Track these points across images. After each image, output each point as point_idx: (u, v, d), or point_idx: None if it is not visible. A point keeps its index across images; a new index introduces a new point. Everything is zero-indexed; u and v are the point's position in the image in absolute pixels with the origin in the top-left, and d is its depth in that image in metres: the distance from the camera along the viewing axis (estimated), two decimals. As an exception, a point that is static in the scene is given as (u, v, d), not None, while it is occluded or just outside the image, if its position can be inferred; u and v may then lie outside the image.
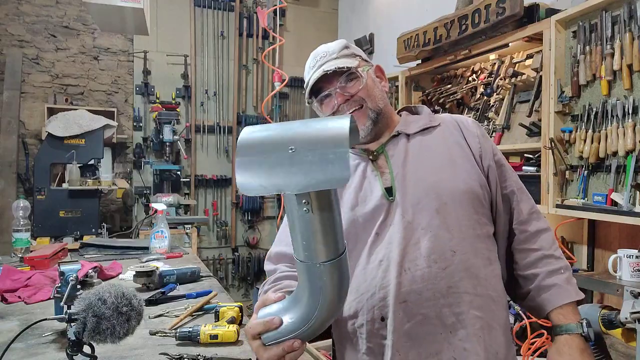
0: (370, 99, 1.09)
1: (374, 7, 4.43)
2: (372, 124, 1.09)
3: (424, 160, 1.06)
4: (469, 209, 1.02)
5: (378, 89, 1.12)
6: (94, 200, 3.59)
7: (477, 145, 1.09)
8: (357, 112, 1.08)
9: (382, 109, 1.11)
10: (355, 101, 1.08)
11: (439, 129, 1.12)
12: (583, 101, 2.02)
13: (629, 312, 1.65)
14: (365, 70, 1.10)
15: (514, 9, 2.19)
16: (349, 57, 1.10)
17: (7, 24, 4.12)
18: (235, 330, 1.14)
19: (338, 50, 1.11)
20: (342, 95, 1.08)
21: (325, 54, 1.11)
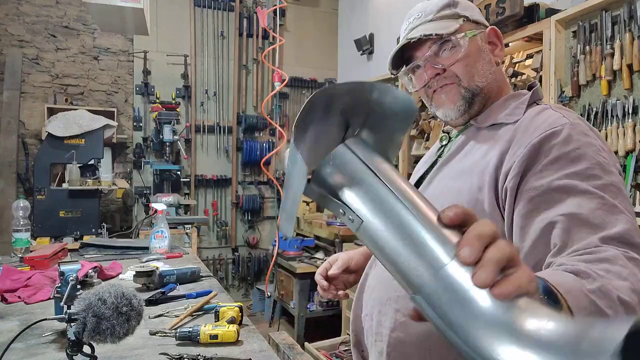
0: (466, 76, 0.88)
1: (374, 7, 4.43)
2: (465, 104, 0.90)
3: (458, 162, 0.90)
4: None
5: (483, 61, 0.90)
6: (94, 200, 3.59)
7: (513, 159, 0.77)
8: (447, 87, 0.90)
9: (483, 88, 0.90)
10: (446, 77, 0.89)
11: (507, 128, 0.84)
12: (583, 101, 2.02)
13: (629, 312, 1.65)
14: (468, 36, 0.88)
15: (514, 9, 2.19)
16: (447, 20, 0.88)
17: (7, 24, 4.12)
18: (235, 330, 1.14)
19: (437, 10, 0.90)
20: (433, 68, 0.90)
21: (420, 14, 0.91)
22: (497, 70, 0.93)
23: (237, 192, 4.84)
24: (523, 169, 0.75)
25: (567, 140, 0.74)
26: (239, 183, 4.86)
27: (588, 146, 0.73)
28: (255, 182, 4.91)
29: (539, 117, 0.81)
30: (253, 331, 1.24)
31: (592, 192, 0.68)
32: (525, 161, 0.75)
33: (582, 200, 0.67)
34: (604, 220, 0.65)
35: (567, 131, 0.75)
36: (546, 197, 0.70)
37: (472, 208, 0.59)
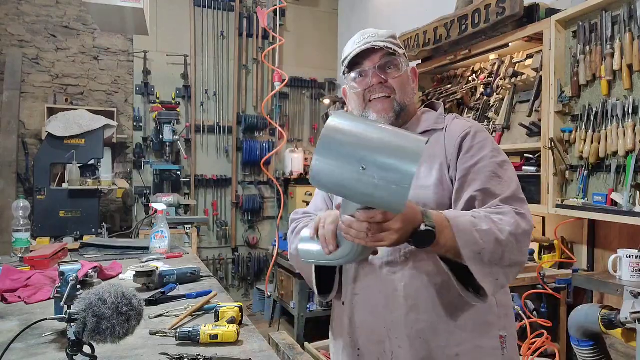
0: (400, 92, 1.11)
1: (374, 7, 4.43)
2: (395, 117, 1.12)
3: None
4: None
5: (410, 86, 1.15)
6: (94, 200, 3.59)
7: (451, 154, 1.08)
8: (384, 100, 1.11)
9: (408, 106, 1.14)
10: (387, 87, 1.11)
11: (439, 134, 1.13)
12: (583, 101, 2.02)
13: (629, 312, 1.65)
14: (405, 63, 1.14)
15: (514, 9, 2.19)
16: (395, 46, 1.12)
17: (7, 24, 4.12)
18: (235, 330, 1.14)
19: (387, 36, 1.12)
20: (378, 77, 1.10)
21: (374, 34, 1.12)
22: (414, 97, 1.20)
23: (237, 192, 4.84)
24: (455, 159, 1.08)
25: (475, 135, 1.09)
26: (239, 183, 4.86)
27: (487, 139, 1.10)
28: (255, 182, 4.91)
29: (454, 123, 1.14)
30: (253, 331, 1.24)
31: (494, 173, 1.04)
32: (455, 153, 1.08)
33: (488, 178, 1.03)
34: (502, 189, 1.02)
35: (474, 130, 1.10)
36: (467, 177, 1.04)
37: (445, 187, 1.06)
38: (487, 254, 0.91)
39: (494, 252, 0.91)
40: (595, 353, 1.92)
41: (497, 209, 0.97)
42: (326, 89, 5.10)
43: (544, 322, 2.04)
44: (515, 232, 0.93)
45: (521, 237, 0.95)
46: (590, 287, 1.98)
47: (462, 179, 1.05)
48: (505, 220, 0.94)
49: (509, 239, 0.92)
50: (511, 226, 0.93)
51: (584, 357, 1.94)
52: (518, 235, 0.94)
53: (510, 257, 0.94)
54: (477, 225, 0.92)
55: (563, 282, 2.23)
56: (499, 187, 1.02)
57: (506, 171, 1.05)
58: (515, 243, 0.93)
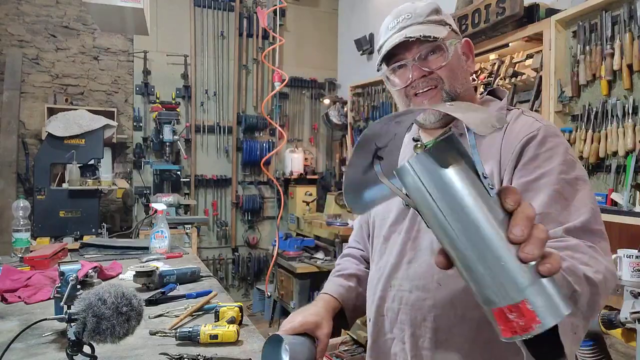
0: (449, 80, 0.93)
1: (374, 7, 4.43)
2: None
3: None
4: None
5: (462, 69, 0.96)
6: (94, 200, 3.58)
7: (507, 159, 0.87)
8: (430, 92, 0.93)
9: (460, 93, 0.95)
10: (432, 79, 0.93)
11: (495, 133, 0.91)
12: (583, 101, 2.02)
13: (629, 312, 1.65)
14: (452, 44, 0.93)
15: (514, 9, 2.19)
16: (437, 25, 0.92)
17: (7, 24, 4.12)
18: (235, 330, 1.14)
19: (427, 14, 0.93)
20: (420, 70, 0.92)
21: (410, 15, 0.93)
22: (470, 79, 0.99)
23: (237, 192, 4.84)
24: (512, 168, 0.85)
25: (542, 141, 0.85)
26: (239, 183, 4.86)
27: (559, 146, 0.85)
28: (255, 182, 4.91)
29: (519, 120, 0.90)
30: (253, 331, 1.24)
31: (561, 193, 0.79)
32: (514, 160, 0.85)
33: (551, 200, 0.78)
34: (568, 216, 0.77)
35: (542, 134, 0.86)
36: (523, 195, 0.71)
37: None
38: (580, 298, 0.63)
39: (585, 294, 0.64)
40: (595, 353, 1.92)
41: (561, 241, 0.72)
42: (326, 89, 5.10)
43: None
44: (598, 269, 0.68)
45: (607, 275, 0.69)
46: (590, 287, 1.98)
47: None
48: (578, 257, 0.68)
49: (597, 277, 0.66)
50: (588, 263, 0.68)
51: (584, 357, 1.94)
52: (604, 274, 0.68)
53: (599, 301, 0.67)
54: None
55: (563, 282, 2.22)
56: (564, 213, 0.77)
57: (577, 192, 0.80)
58: (603, 281, 0.67)
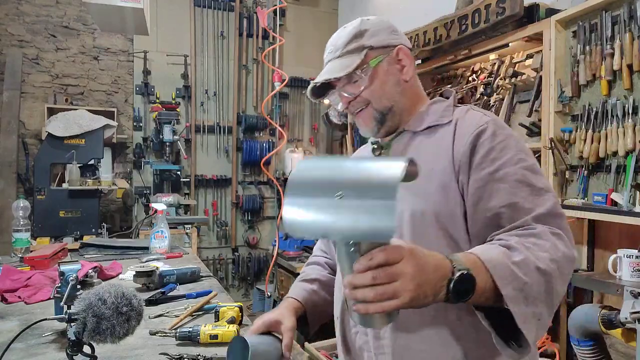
0: (375, 99, 0.99)
1: (374, 7, 4.43)
2: (377, 125, 1.01)
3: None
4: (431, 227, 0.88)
5: (390, 83, 1.00)
6: (94, 200, 3.58)
7: (460, 156, 0.90)
8: (363, 111, 1.01)
9: (392, 107, 1.00)
10: (358, 102, 1.00)
11: (445, 129, 0.96)
12: (583, 101, 2.02)
13: (629, 312, 1.65)
14: (372, 65, 0.97)
15: (514, 9, 2.19)
16: (351, 55, 0.98)
17: (7, 24, 4.12)
18: (235, 330, 1.14)
19: (344, 44, 0.99)
20: (345, 97, 1.01)
21: (332, 48, 1.02)
22: (406, 86, 1.02)
23: (237, 192, 4.84)
24: (467, 162, 0.89)
25: (494, 134, 0.89)
26: (239, 183, 4.86)
27: (510, 137, 0.90)
28: (255, 182, 4.91)
29: (467, 116, 0.96)
30: (253, 331, 1.23)
31: (523, 181, 0.84)
32: (468, 154, 0.89)
33: (515, 189, 0.84)
34: (535, 203, 0.83)
35: (492, 127, 0.90)
36: (486, 188, 0.85)
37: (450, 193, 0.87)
38: (531, 288, 0.72)
39: (538, 284, 0.73)
40: (595, 353, 1.92)
41: (528, 229, 0.79)
42: (326, 89, 5.10)
43: (544, 322, 2.04)
44: (554, 257, 0.75)
45: (563, 262, 0.76)
46: (590, 287, 1.98)
47: (480, 190, 0.86)
48: (540, 244, 0.76)
49: (550, 267, 0.74)
50: (548, 250, 0.75)
51: (584, 357, 1.94)
52: (559, 261, 0.75)
53: (555, 287, 0.74)
54: (511, 257, 0.73)
55: (563, 282, 2.22)
56: (530, 200, 0.82)
57: (538, 178, 0.86)
58: (558, 270, 0.75)
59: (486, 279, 0.70)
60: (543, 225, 0.79)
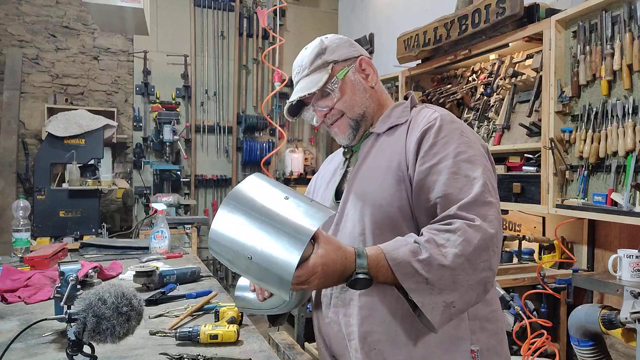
0: (347, 109, 1.08)
1: (374, 7, 4.43)
2: (353, 132, 1.10)
3: (369, 166, 1.05)
4: (387, 220, 0.97)
5: (358, 91, 1.09)
6: (94, 200, 3.59)
7: (410, 150, 0.98)
8: (339, 121, 1.09)
9: (364, 113, 1.09)
10: (333, 114, 1.09)
11: (402, 128, 1.05)
12: (583, 101, 2.02)
13: (629, 312, 1.65)
14: (339, 77, 1.06)
15: (514, 9, 2.19)
16: (319, 70, 1.07)
17: (7, 24, 4.12)
18: (235, 330, 1.14)
19: (310, 62, 1.09)
20: (319, 111, 1.10)
21: (300, 68, 1.12)
22: (373, 92, 1.11)
23: (237, 192, 4.83)
24: (414, 156, 0.97)
25: (439, 129, 0.97)
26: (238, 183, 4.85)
27: (454, 131, 0.97)
28: (255, 182, 4.90)
29: (420, 114, 1.05)
30: (253, 331, 1.24)
31: (457, 173, 0.92)
32: (415, 149, 0.97)
33: (449, 180, 0.91)
34: (464, 193, 0.90)
35: (439, 122, 0.98)
36: (425, 180, 0.94)
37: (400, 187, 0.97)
38: (434, 282, 0.83)
39: (440, 279, 0.83)
40: (595, 353, 1.92)
41: (447, 225, 0.87)
42: (326, 89, 5.10)
43: (544, 322, 2.04)
44: (463, 252, 0.83)
45: (474, 254, 0.84)
46: (590, 287, 1.98)
47: (420, 182, 0.94)
48: (452, 240, 0.84)
49: (456, 261, 0.83)
50: (458, 246, 0.83)
51: (584, 357, 1.94)
52: (469, 254, 0.83)
53: (465, 278, 0.84)
54: (417, 254, 0.84)
55: (563, 282, 2.22)
56: (461, 190, 0.90)
57: (472, 168, 0.93)
58: (467, 262, 0.83)
59: (388, 274, 0.84)
60: (467, 213, 0.87)
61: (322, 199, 1.15)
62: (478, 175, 0.91)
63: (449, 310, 0.84)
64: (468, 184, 0.90)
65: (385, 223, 0.97)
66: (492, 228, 0.87)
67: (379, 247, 0.87)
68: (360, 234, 0.99)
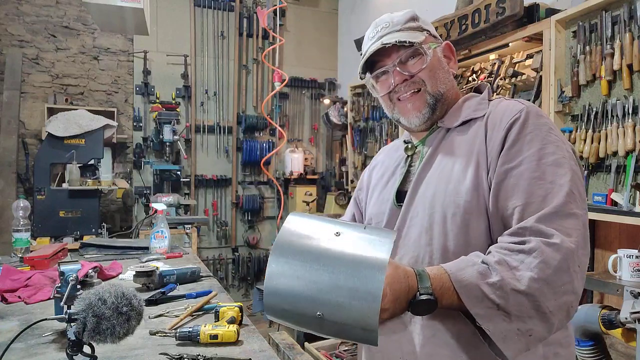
0: (431, 82, 0.96)
1: (374, 7, 4.43)
2: (429, 111, 0.97)
3: (439, 165, 0.94)
4: (462, 229, 0.86)
5: (443, 70, 0.98)
6: (94, 200, 3.58)
7: (493, 149, 0.88)
8: (414, 95, 0.97)
9: (444, 94, 0.98)
10: (414, 82, 0.96)
11: (479, 123, 0.93)
12: (583, 101, 2.02)
13: (629, 312, 1.65)
14: (432, 47, 0.97)
15: (514, 9, 2.19)
16: (414, 31, 0.96)
17: (7, 24, 4.12)
18: (235, 330, 1.14)
19: (403, 22, 0.97)
20: (401, 74, 0.96)
21: (388, 24, 0.98)
22: (453, 80, 1.02)
23: (237, 192, 4.84)
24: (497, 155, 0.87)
25: (524, 124, 0.86)
26: (239, 183, 4.86)
27: (541, 127, 0.86)
28: (255, 182, 4.91)
29: (500, 106, 0.93)
30: (253, 331, 1.24)
31: (540, 178, 0.82)
32: (498, 149, 0.87)
33: (530, 186, 0.81)
34: (547, 202, 0.79)
35: (524, 116, 0.87)
36: (503, 184, 0.84)
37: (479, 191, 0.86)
38: (506, 308, 0.74)
39: (514, 305, 0.74)
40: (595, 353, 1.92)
41: (520, 245, 0.78)
42: (326, 89, 5.10)
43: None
44: (540, 276, 0.74)
45: (553, 276, 0.75)
46: (590, 287, 1.98)
47: (497, 186, 0.84)
48: (527, 263, 0.75)
49: (532, 286, 0.74)
50: (534, 269, 0.75)
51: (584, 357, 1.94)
52: (547, 277, 0.75)
53: (544, 304, 0.74)
54: (487, 277, 0.76)
55: (563, 282, 2.22)
56: (544, 200, 0.80)
57: (559, 172, 0.82)
58: (546, 286, 0.75)
59: (453, 298, 0.76)
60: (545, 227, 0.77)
61: (380, 201, 1.03)
62: (565, 182, 0.81)
63: (525, 338, 0.75)
64: (552, 192, 0.80)
65: (460, 233, 0.86)
66: (574, 243, 0.77)
67: (441, 267, 0.79)
68: (427, 244, 0.90)
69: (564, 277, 0.76)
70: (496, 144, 0.87)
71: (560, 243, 0.76)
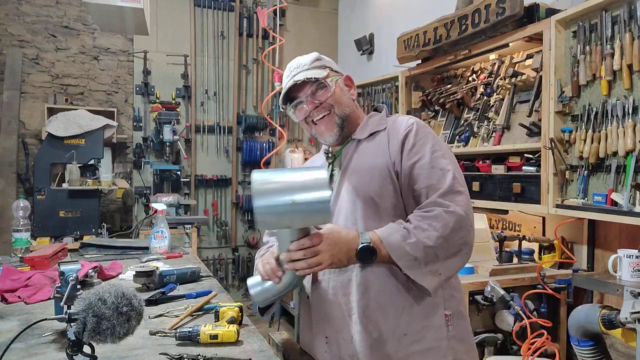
0: (337, 106, 1.23)
1: (374, 7, 4.43)
2: (339, 130, 1.24)
3: (355, 166, 1.23)
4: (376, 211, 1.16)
5: (346, 96, 1.27)
6: (94, 200, 3.58)
7: (394, 151, 1.18)
8: (326, 117, 1.23)
9: (349, 115, 1.25)
10: (324, 107, 1.22)
11: (382, 134, 1.24)
12: (583, 101, 2.02)
13: (629, 312, 1.65)
14: (334, 80, 1.23)
15: (514, 9, 2.19)
16: (318, 69, 1.23)
17: (7, 24, 4.12)
18: (235, 330, 1.14)
19: (310, 62, 1.24)
20: (312, 103, 1.22)
21: (298, 65, 1.24)
22: (354, 104, 1.31)
23: (237, 192, 4.84)
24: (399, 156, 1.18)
25: (416, 133, 1.20)
26: (239, 183, 4.86)
27: (428, 134, 1.21)
28: (255, 182, 4.90)
29: (397, 122, 1.25)
30: (253, 331, 1.24)
31: (434, 167, 1.15)
32: (399, 150, 1.19)
33: (430, 172, 1.15)
34: (442, 183, 1.13)
35: (416, 127, 1.21)
36: (412, 174, 1.16)
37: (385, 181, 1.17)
38: (421, 259, 1.07)
39: (426, 256, 1.07)
40: (595, 353, 1.92)
41: (429, 211, 1.10)
42: (326, 89, 5.10)
43: (544, 322, 2.04)
44: (443, 233, 1.07)
45: (451, 234, 1.08)
46: (590, 287, 1.98)
47: (408, 176, 1.16)
48: (434, 226, 1.08)
49: (437, 242, 1.07)
50: (439, 229, 1.07)
51: (584, 357, 1.94)
52: (447, 235, 1.07)
53: (444, 253, 1.08)
54: (407, 239, 1.07)
55: (563, 282, 2.23)
56: (439, 181, 1.13)
57: (447, 162, 1.16)
58: (446, 241, 1.07)
59: (386, 254, 1.08)
60: (444, 200, 1.10)
61: None
62: (450, 168, 1.15)
63: (437, 277, 1.09)
64: (443, 176, 1.14)
65: (374, 213, 1.16)
66: (463, 211, 1.10)
67: (374, 232, 1.10)
68: (353, 225, 1.17)
69: (459, 233, 1.09)
70: (397, 147, 1.19)
71: (454, 211, 1.09)
